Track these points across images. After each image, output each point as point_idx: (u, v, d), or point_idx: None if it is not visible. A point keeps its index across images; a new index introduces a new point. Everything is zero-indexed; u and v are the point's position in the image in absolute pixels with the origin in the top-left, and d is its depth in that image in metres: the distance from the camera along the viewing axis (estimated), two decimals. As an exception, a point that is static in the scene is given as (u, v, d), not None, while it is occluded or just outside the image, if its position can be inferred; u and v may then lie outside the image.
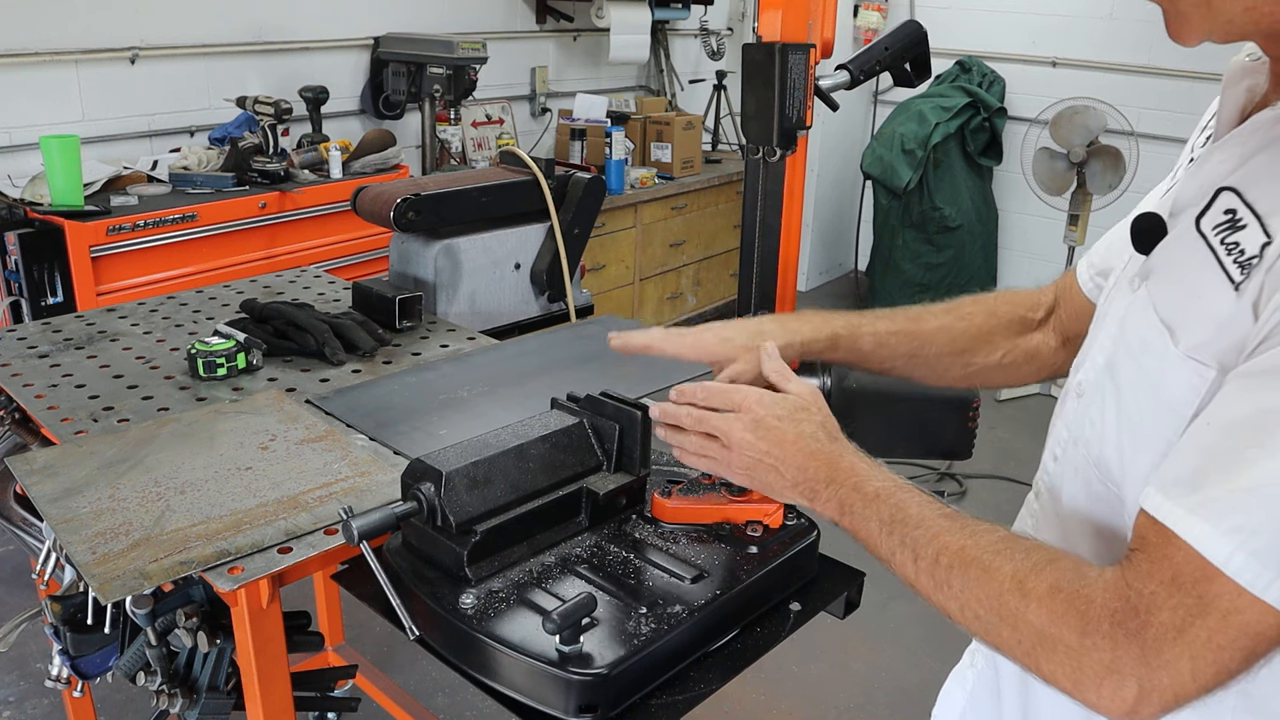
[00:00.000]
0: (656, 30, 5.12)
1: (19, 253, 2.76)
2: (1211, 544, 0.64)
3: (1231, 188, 0.74)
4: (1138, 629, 0.67)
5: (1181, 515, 0.66)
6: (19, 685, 2.55)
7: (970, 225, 5.38)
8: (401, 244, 2.04)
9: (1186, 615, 0.65)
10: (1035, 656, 0.73)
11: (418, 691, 2.52)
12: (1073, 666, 0.70)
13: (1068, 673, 0.70)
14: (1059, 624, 0.71)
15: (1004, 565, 0.75)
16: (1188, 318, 0.74)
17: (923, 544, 0.81)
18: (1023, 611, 0.73)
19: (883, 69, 1.33)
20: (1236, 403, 0.67)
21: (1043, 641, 0.72)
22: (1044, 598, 0.72)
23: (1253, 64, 0.82)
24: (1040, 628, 0.72)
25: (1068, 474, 0.88)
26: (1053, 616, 0.71)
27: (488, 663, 1.00)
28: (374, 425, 1.48)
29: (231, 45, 3.62)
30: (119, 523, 1.19)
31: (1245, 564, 0.63)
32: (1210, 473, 0.66)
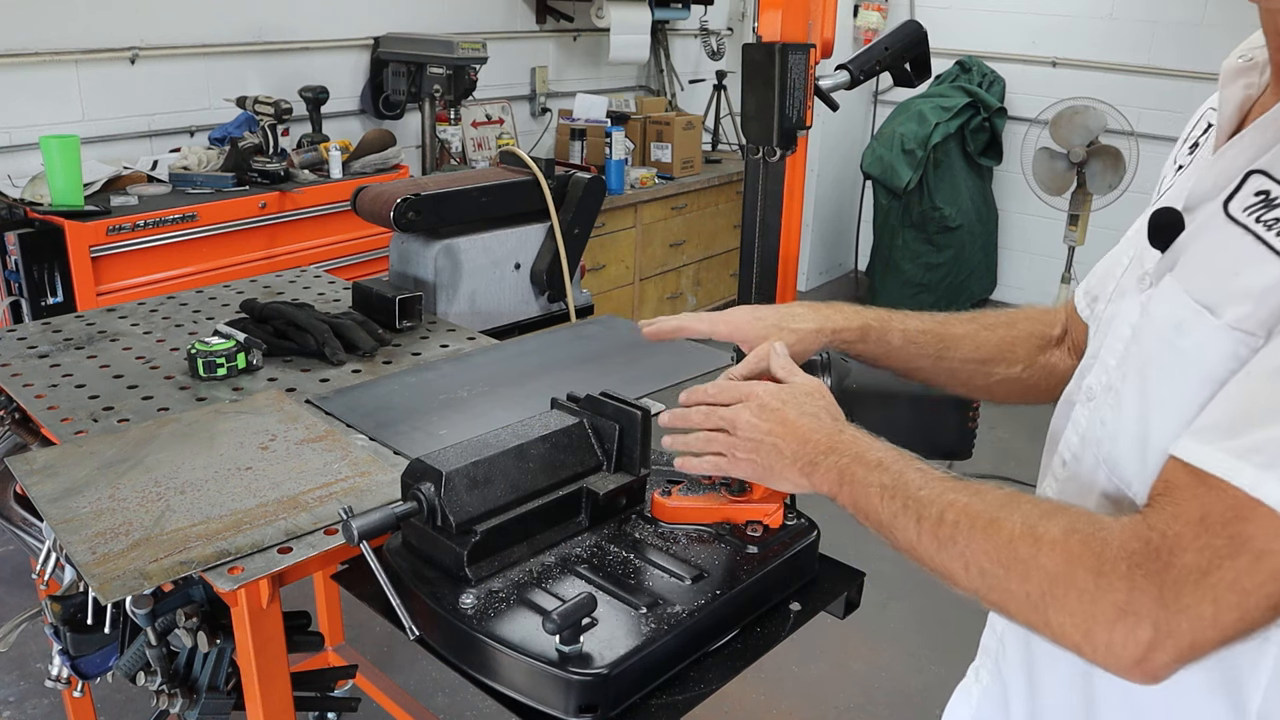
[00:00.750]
0: (656, 30, 5.12)
1: (19, 253, 2.76)
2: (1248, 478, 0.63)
3: (1261, 170, 0.74)
4: (1158, 570, 0.65)
5: (1222, 458, 0.65)
6: (19, 685, 2.55)
7: (970, 225, 5.38)
8: (401, 244, 2.04)
9: (1214, 556, 0.63)
10: (1044, 608, 0.70)
11: (418, 691, 2.52)
12: (1084, 614, 0.68)
13: (1078, 621, 0.68)
14: (1073, 565, 0.69)
15: (1012, 515, 0.74)
16: (1229, 295, 0.72)
17: (926, 504, 0.80)
18: (1034, 557, 0.71)
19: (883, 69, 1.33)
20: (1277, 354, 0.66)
21: (1054, 586, 0.70)
22: (1057, 540, 0.70)
23: (1245, 64, 0.83)
24: (1053, 571, 0.70)
25: (1082, 476, 0.88)
26: (1067, 558, 0.69)
27: (488, 663, 1.00)
28: (374, 425, 1.48)
29: (231, 45, 3.62)
30: (119, 523, 1.19)
31: None
32: (1253, 417, 0.65)
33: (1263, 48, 0.82)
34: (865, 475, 0.86)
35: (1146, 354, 0.80)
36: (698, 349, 1.91)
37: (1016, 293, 5.82)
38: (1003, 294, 5.87)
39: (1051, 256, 5.30)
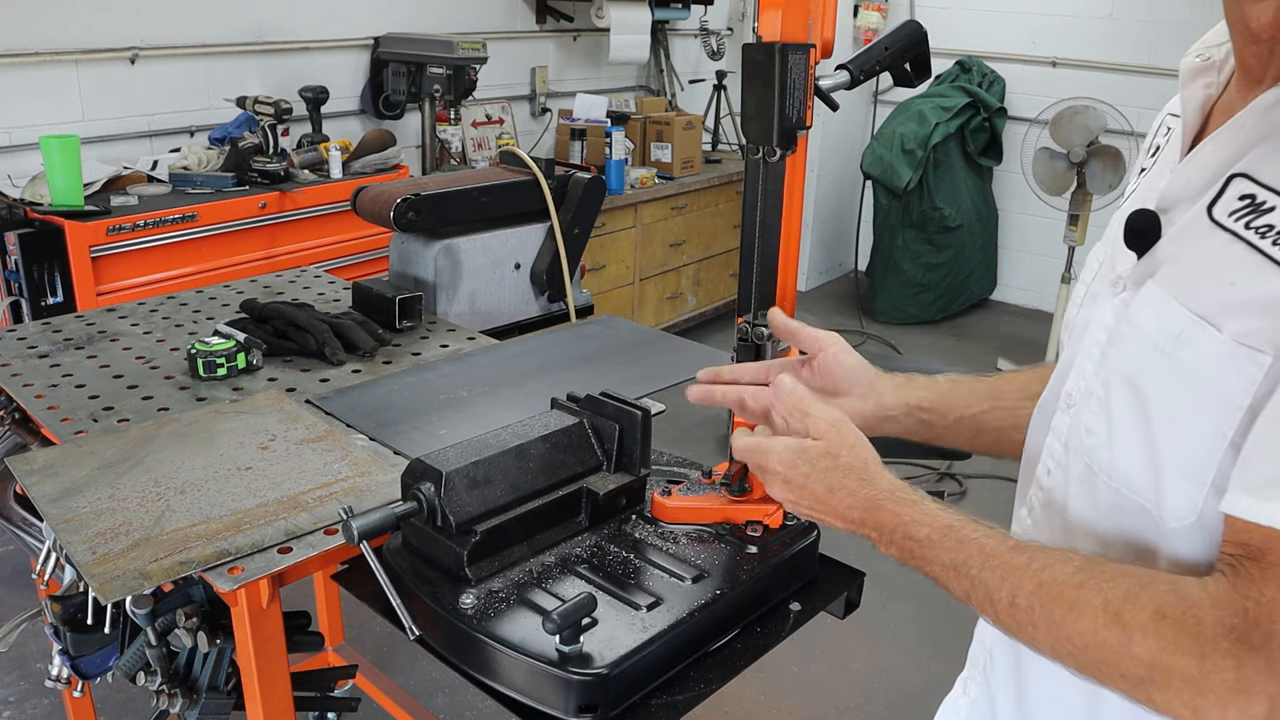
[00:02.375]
0: (656, 30, 5.12)
1: (19, 253, 2.76)
2: None
3: (1243, 174, 0.73)
4: (1262, 641, 0.63)
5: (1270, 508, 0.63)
6: (19, 685, 2.55)
7: (970, 225, 5.38)
8: (401, 244, 2.04)
9: None
10: (1147, 689, 0.68)
11: (418, 691, 2.52)
12: (1192, 694, 0.66)
13: (1186, 700, 0.66)
14: (1172, 653, 0.66)
15: (1091, 598, 0.71)
16: (1227, 306, 0.71)
17: (994, 586, 0.77)
18: (1126, 646, 0.69)
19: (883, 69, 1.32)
20: None
21: (1154, 673, 0.67)
22: (1148, 627, 0.68)
23: (1204, 64, 0.83)
24: (1150, 660, 0.67)
25: (1071, 485, 0.86)
26: (1163, 646, 0.67)
27: (488, 663, 1.00)
28: (374, 425, 1.48)
29: (231, 45, 3.62)
30: (119, 523, 1.19)
31: None
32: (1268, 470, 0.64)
33: (1219, 45, 0.82)
34: (923, 554, 0.83)
35: (1134, 361, 0.79)
36: (698, 349, 1.91)
37: (1017, 293, 5.82)
38: (1003, 294, 5.87)
39: (1051, 256, 5.31)
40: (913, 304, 5.47)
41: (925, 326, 5.47)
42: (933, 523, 0.83)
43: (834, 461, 0.90)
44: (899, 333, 5.38)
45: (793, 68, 1.17)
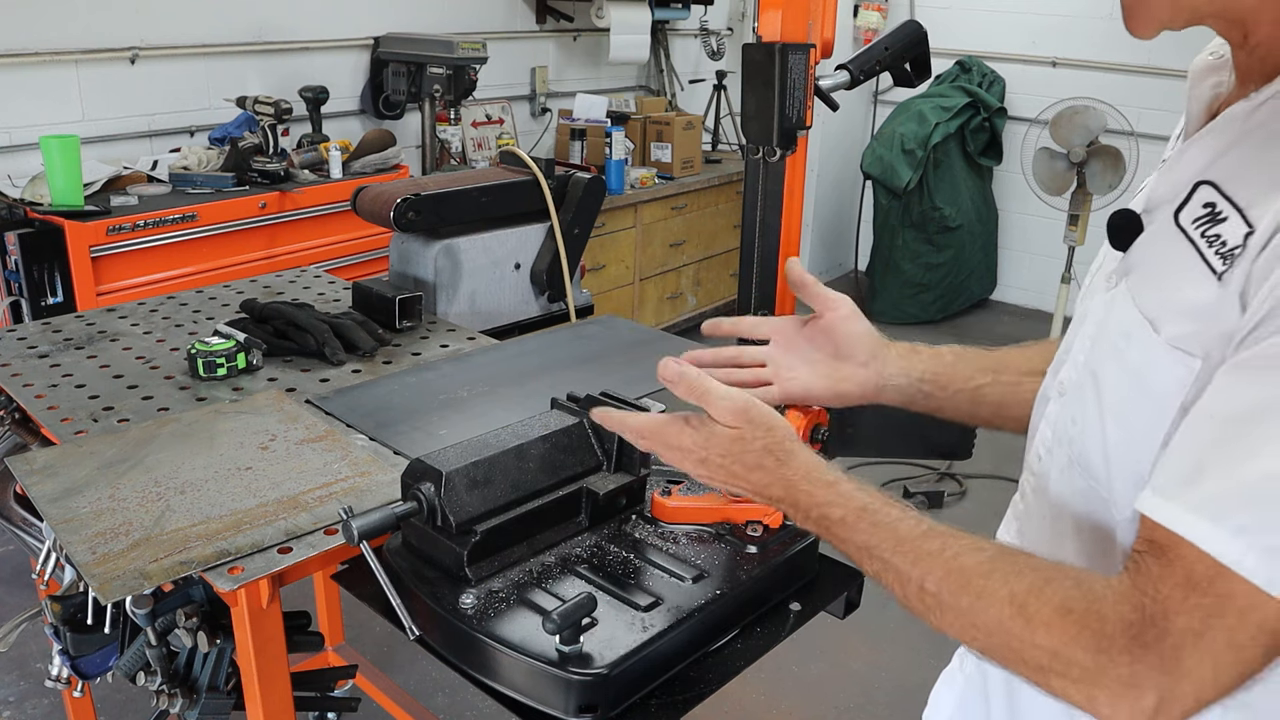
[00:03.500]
0: (656, 30, 5.12)
1: (19, 253, 2.76)
2: (1220, 544, 0.62)
3: (1209, 181, 0.74)
4: (1156, 639, 0.65)
5: (1184, 516, 0.64)
6: (19, 685, 2.55)
7: (970, 225, 5.38)
8: (401, 244, 2.04)
9: (1205, 617, 0.63)
10: (1046, 677, 0.71)
11: (418, 691, 2.52)
12: (1088, 685, 0.68)
13: (1082, 690, 0.68)
14: (1072, 646, 0.68)
15: (998, 588, 0.73)
16: (1169, 309, 0.73)
17: (905, 570, 0.79)
18: (1029, 637, 0.71)
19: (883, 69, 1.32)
20: (1231, 396, 0.65)
21: (1055, 663, 0.70)
22: (1051, 621, 0.70)
23: (1216, 61, 0.83)
24: (1051, 650, 0.70)
25: (1053, 474, 0.88)
26: (1064, 639, 0.69)
27: (488, 663, 1.00)
28: (374, 425, 1.48)
29: (231, 45, 3.62)
30: (119, 523, 1.19)
31: (1259, 563, 0.61)
32: (1210, 469, 0.64)
33: None
34: (839, 534, 0.85)
35: (1103, 360, 0.81)
36: (698, 349, 1.91)
37: (1017, 293, 5.82)
38: (1003, 294, 5.87)
39: (1051, 256, 5.31)
40: (913, 304, 5.47)
41: (925, 326, 5.47)
42: (848, 504, 0.85)
43: (746, 445, 0.90)
44: (899, 333, 5.32)
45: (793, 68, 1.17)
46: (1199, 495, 0.64)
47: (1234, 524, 0.62)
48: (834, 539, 0.86)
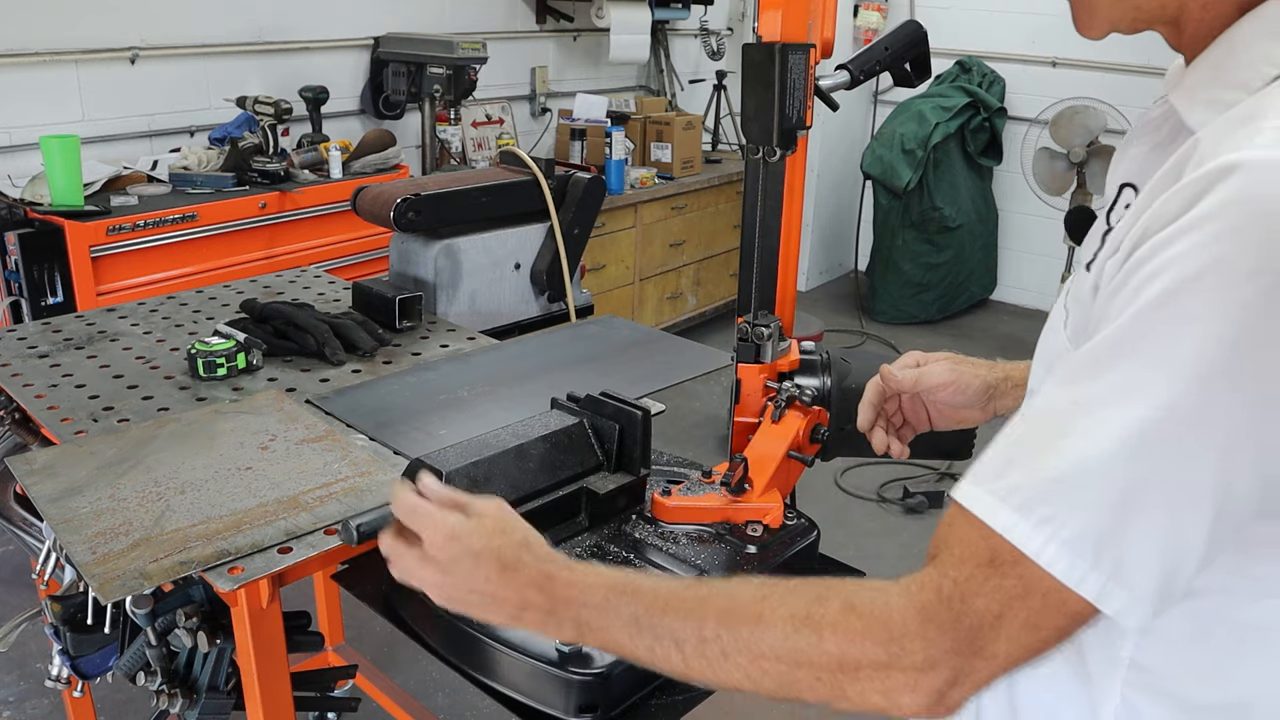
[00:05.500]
0: (656, 30, 5.12)
1: (19, 253, 2.76)
2: (1021, 534, 0.62)
3: (1130, 183, 0.76)
4: (952, 620, 0.65)
5: (991, 503, 0.64)
6: (19, 685, 2.55)
7: (970, 225, 5.38)
8: (401, 244, 2.04)
9: (1006, 599, 0.64)
10: (841, 685, 0.69)
11: (418, 691, 2.52)
12: (882, 679, 0.67)
13: (877, 686, 0.67)
14: (861, 642, 0.67)
15: (777, 609, 0.71)
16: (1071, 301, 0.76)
17: (678, 629, 0.74)
18: (817, 644, 0.69)
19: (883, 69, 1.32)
20: (1052, 394, 0.66)
21: (846, 666, 0.68)
22: (837, 622, 0.68)
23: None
24: (840, 653, 0.68)
25: None
26: (852, 637, 0.68)
27: (488, 663, 1.00)
28: (374, 425, 1.48)
29: (231, 45, 3.62)
30: (119, 523, 1.19)
31: (1058, 555, 0.62)
32: (1018, 461, 0.65)
33: None
34: (601, 622, 0.78)
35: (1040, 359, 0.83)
36: (698, 349, 1.91)
37: (1017, 293, 5.82)
38: (1003, 294, 5.86)
39: (1051, 256, 5.30)
40: (913, 304, 5.47)
41: (925, 326, 5.47)
42: (607, 584, 0.79)
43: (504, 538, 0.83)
44: (899, 333, 5.38)
45: (793, 68, 1.17)
46: (1006, 485, 0.64)
47: (1037, 516, 0.62)
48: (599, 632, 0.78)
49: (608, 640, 0.78)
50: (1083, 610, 0.62)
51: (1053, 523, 0.62)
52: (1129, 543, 0.61)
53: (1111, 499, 0.61)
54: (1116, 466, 0.61)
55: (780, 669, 0.70)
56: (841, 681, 0.69)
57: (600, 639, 0.79)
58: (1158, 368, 0.59)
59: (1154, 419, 0.59)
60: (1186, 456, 0.60)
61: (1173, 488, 0.60)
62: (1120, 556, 0.61)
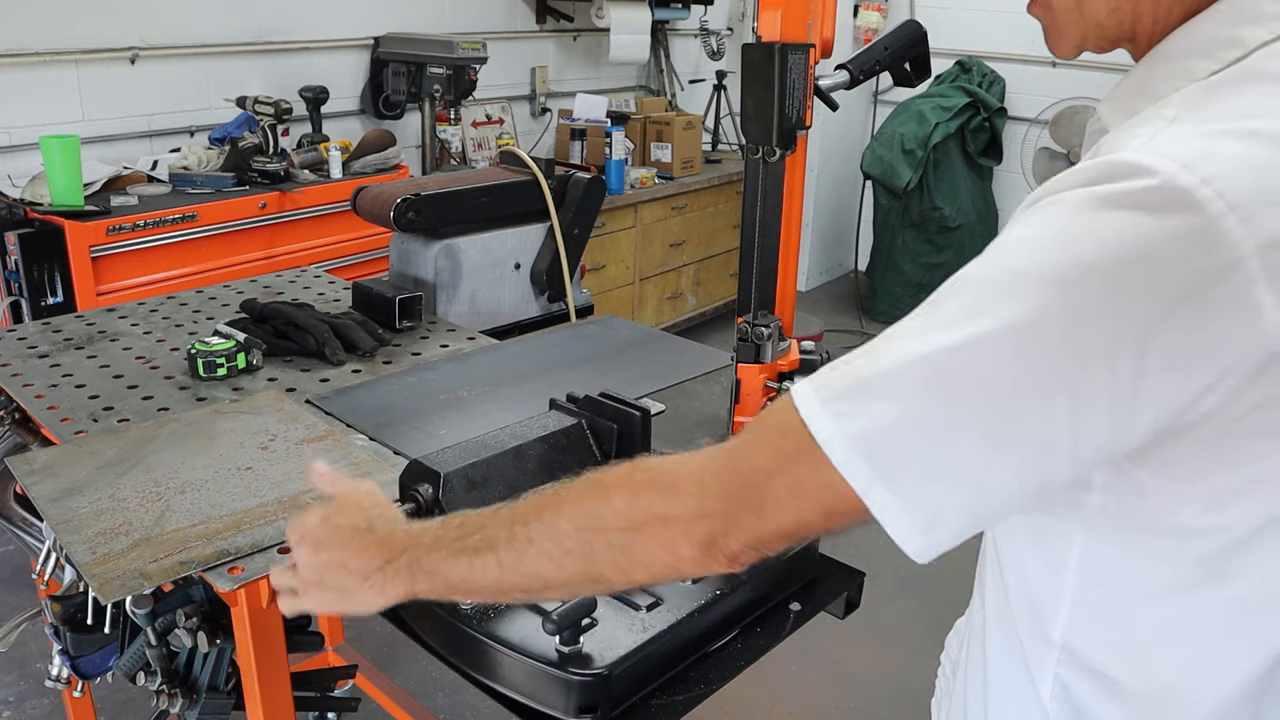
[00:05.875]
0: (656, 30, 5.12)
1: (19, 253, 2.76)
2: (817, 421, 0.65)
3: None
4: (729, 471, 0.69)
5: (805, 390, 0.67)
6: (19, 685, 2.55)
7: (970, 225, 5.38)
8: (401, 244, 2.04)
9: (783, 462, 0.67)
10: (630, 545, 0.72)
11: (418, 691, 2.52)
12: (663, 529, 0.70)
13: (660, 539, 0.71)
14: (643, 494, 0.71)
15: (572, 487, 0.76)
16: None
17: (495, 535, 0.78)
18: (605, 506, 0.73)
19: (883, 69, 1.33)
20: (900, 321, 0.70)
21: (631, 524, 0.71)
22: (621, 481, 0.73)
23: None
24: (625, 509, 0.72)
25: None
26: (634, 489, 0.72)
27: (488, 663, 1.00)
28: (374, 425, 1.48)
29: (231, 45, 3.62)
30: (119, 523, 1.19)
31: (841, 444, 0.64)
32: (843, 363, 0.68)
33: None
34: (429, 556, 0.82)
35: None
36: (698, 349, 1.91)
37: (1016, 293, 5.82)
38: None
39: (1051, 256, 5.30)
40: (913, 304, 5.36)
41: (925, 326, 5.47)
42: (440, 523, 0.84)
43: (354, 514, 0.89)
44: (899, 333, 5.37)
45: (792, 68, 1.17)
46: (823, 379, 0.67)
47: (836, 408, 0.65)
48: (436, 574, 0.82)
49: (438, 574, 0.82)
50: (848, 496, 0.64)
51: (844, 415, 0.65)
52: (903, 452, 0.63)
53: (898, 408, 0.63)
54: (912, 381, 0.63)
55: (577, 543, 0.74)
56: (631, 541, 0.72)
57: (432, 577, 0.82)
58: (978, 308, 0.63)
59: (957, 349, 0.62)
60: (975, 392, 0.62)
61: (955, 416, 0.62)
62: (892, 461, 0.63)
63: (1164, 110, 0.66)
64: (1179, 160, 0.60)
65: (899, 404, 0.63)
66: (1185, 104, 0.65)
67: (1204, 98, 0.65)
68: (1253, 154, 0.60)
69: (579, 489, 0.76)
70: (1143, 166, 0.60)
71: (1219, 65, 0.67)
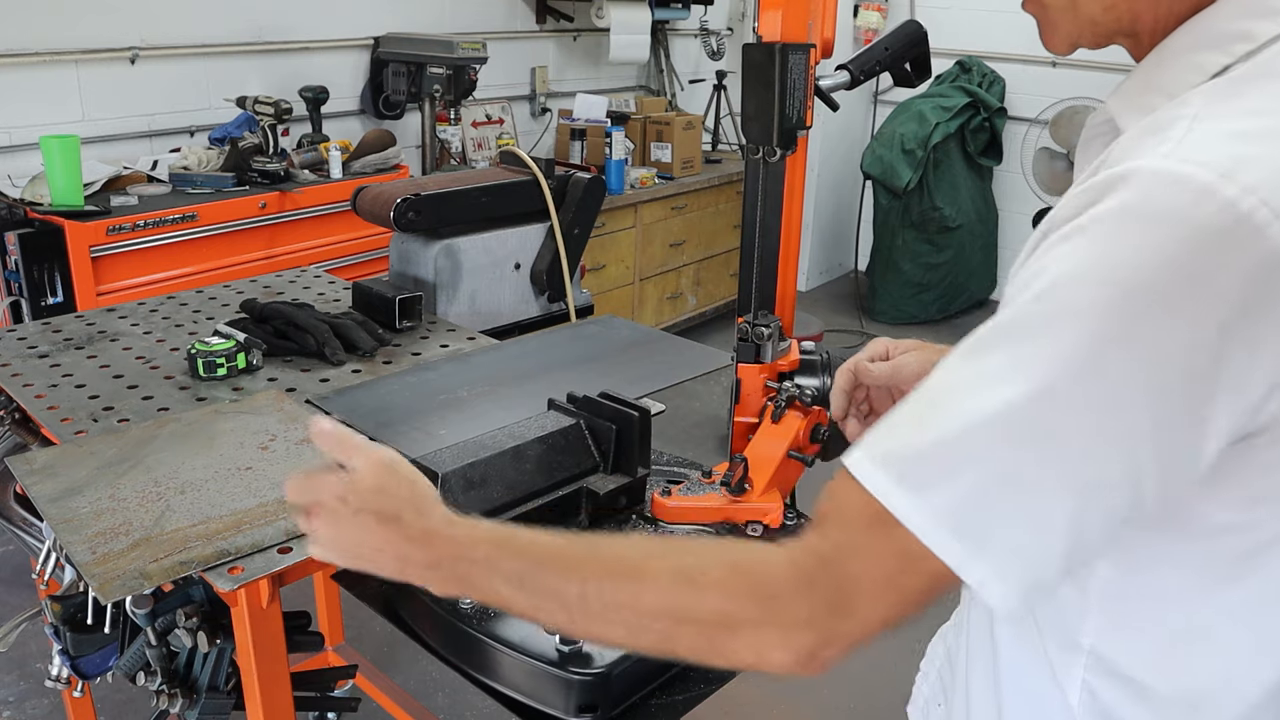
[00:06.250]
0: (656, 30, 5.12)
1: (19, 253, 2.76)
2: (894, 499, 0.64)
3: None
4: (826, 581, 0.67)
5: (869, 468, 0.66)
6: (19, 685, 2.55)
7: (970, 225, 5.38)
8: (401, 244, 2.04)
9: (877, 561, 0.66)
10: (719, 642, 0.71)
11: (418, 691, 2.52)
12: (756, 636, 0.69)
13: (750, 644, 0.69)
14: (741, 599, 0.69)
15: (661, 566, 0.73)
16: None
17: (560, 586, 0.75)
18: (698, 603, 0.71)
19: (883, 69, 1.32)
20: (942, 371, 0.68)
21: (724, 621, 0.70)
22: (721, 581, 0.70)
23: None
24: (720, 609, 0.70)
25: None
26: (732, 594, 0.70)
27: (488, 663, 1.00)
28: (374, 425, 1.48)
29: (231, 45, 3.62)
30: (119, 523, 1.19)
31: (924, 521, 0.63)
32: (899, 429, 0.67)
33: None
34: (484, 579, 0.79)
35: None
36: (698, 349, 1.91)
37: (1016, 293, 5.82)
38: (1003, 294, 5.87)
39: (1051, 256, 5.30)
40: (913, 304, 5.47)
41: (925, 326, 5.47)
42: (489, 539, 0.80)
43: (387, 495, 0.84)
44: (899, 333, 5.36)
45: (793, 68, 1.17)
46: (883, 450, 0.66)
47: (910, 482, 0.64)
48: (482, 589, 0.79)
49: (493, 595, 0.80)
50: (944, 573, 0.64)
51: (923, 490, 0.63)
52: (993, 518, 0.62)
53: (977, 473, 0.62)
54: (986, 442, 0.62)
55: (661, 625, 0.72)
56: (718, 638, 0.70)
57: (485, 594, 0.80)
58: (1035, 354, 0.61)
59: (1025, 402, 0.61)
60: (1053, 442, 0.61)
61: (1039, 470, 0.61)
62: (983, 530, 0.63)
63: (1184, 109, 0.64)
64: (1217, 169, 0.58)
65: (975, 474, 0.62)
66: (1207, 101, 0.64)
67: (1226, 94, 0.64)
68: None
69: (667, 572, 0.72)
70: (1181, 176, 0.59)
71: (1230, 59, 0.66)
